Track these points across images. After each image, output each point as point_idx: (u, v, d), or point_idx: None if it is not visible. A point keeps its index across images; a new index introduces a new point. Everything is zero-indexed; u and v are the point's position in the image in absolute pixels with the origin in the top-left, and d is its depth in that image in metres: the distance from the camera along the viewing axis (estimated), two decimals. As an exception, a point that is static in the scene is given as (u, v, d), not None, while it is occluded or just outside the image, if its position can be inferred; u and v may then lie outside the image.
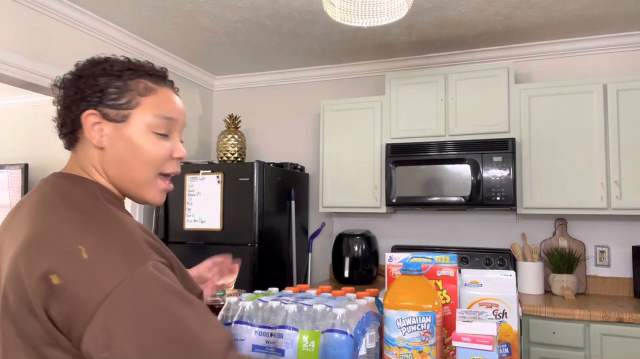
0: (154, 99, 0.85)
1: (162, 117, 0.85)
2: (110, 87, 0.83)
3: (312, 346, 1.07)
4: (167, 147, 0.87)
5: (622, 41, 2.99)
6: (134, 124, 0.83)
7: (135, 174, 0.84)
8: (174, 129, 0.88)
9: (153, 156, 0.84)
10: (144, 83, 0.86)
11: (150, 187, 0.86)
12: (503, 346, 1.17)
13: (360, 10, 1.63)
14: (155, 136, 0.85)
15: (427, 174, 2.95)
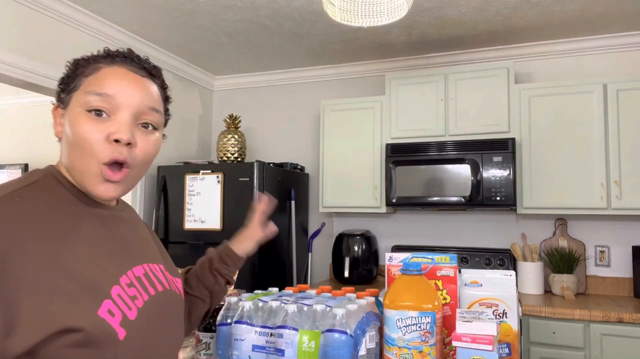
0: (94, 77, 0.76)
1: (94, 93, 0.74)
2: (68, 78, 0.79)
3: (312, 346, 1.07)
4: (102, 129, 0.73)
5: (622, 41, 2.99)
6: (72, 106, 0.76)
7: (75, 162, 0.74)
8: (118, 108, 0.75)
9: (83, 139, 0.73)
10: (95, 65, 0.78)
11: (90, 176, 0.74)
12: (503, 346, 1.17)
13: (360, 10, 1.63)
14: (87, 116, 0.73)
15: (427, 174, 2.95)
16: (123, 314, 0.70)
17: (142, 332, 0.73)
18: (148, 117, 0.79)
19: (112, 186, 0.75)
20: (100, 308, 0.67)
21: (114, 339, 0.67)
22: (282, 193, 3.23)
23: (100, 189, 0.74)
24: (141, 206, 3.18)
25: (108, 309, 0.68)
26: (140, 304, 0.74)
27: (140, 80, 0.79)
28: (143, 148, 0.78)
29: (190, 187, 3.05)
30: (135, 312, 0.72)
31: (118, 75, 0.77)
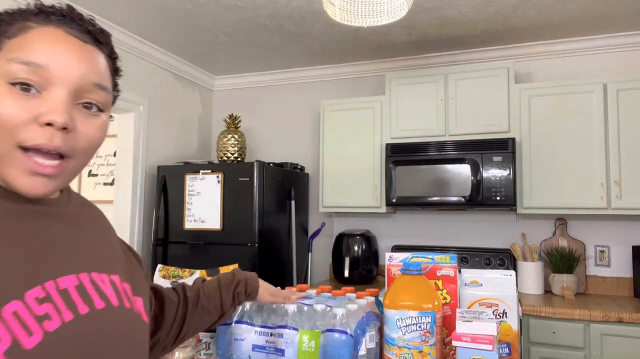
0: (20, 40, 0.59)
1: (19, 61, 0.57)
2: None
3: (312, 346, 1.07)
4: (29, 106, 0.57)
5: (622, 41, 2.99)
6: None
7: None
8: (49, 82, 0.58)
9: (0, 119, 0.56)
10: (22, 24, 0.60)
11: (8, 164, 0.58)
12: (503, 346, 1.17)
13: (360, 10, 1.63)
14: (9, 90, 0.57)
15: (427, 174, 2.95)
16: (14, 341, 0.52)
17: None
18: (92, 95, 0.62)
19: (42, 179, 0.59)
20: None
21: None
22: (282, 193, 3.23)
23: (23, 182, 0.58)
24: (141, 206, 3.18)
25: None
26: (54, 326, 0.56)
27: (82, 48, 0.62)
28: (85, 134, 0.62)
29: (190, 187, 3.05)
30: (38, 337, 0.54)
31: (53, 40, 0.59)
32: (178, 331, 0.97)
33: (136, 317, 0.69)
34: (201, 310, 1.00)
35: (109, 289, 0.66)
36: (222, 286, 1.05)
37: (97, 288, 0.64)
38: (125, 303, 0.68)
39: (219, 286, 1.04)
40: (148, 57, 3.26)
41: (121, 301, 0.67)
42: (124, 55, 3.08)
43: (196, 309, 1.00)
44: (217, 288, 1.04)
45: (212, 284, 1.04)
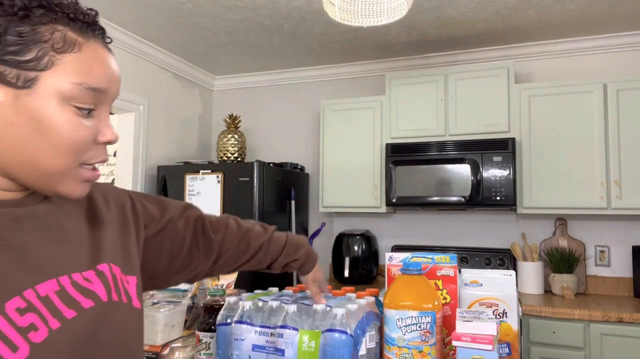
0: (76, 59, 0.58)
1: (86, 87, 0.58)
2: (8, 34, 0.54)
3: (312, 346, 1.07)
4: (91, 127, 0.60)
5: (622, 41, 2.99)
6: (43, 92, 0.56)
7: (44, 162, 0.57)
8: (103, 102, 0.61)
9: (70, 140, 0.58)
10: (62, 32, 0.57)
11: (67, 179, 0.60)
12: (503, 345, 1.17)
13: (360, 10, 1.63)
14: (73, 112, 0.58)
15: (427, 174, 2.95)
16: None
17: None
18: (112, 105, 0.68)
19: (88, 184, 0.64)
20: None
21: None
22: (282, 193, 3.23)
23: (79, 190, 0.62)
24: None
25: None
26: (41, 337, 0.53)
27: (115, 65, 0.64)
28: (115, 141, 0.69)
29: (190, 187, 3.05)
30: (25, 352, 0.52)
31: (104, 63, 0.61)
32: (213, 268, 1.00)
33: (125, 307, 0.67)
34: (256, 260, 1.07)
35: (97, 284, 0.64)
36: (284, 253, 1.11)
37: (80, 288, 0.61)
38: (113, 295, 0.65)
39: (281, 251, 1.10)
40: (148, 57, 3.26)
41: (110, 294, 0.65)
42: (124, 55, 3.08)
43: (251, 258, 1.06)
44: (279, 250, 1.10)
45: (278, 242, 1.10)
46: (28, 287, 0.55)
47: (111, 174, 4.15)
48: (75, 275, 0.62)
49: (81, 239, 0.66)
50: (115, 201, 0.78)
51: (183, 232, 0.90)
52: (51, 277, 0.59)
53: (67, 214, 0.67)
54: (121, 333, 0.64)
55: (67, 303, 0.58)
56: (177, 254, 0.89)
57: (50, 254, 0.60)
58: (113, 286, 0.66)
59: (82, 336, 0.58)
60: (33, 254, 0.58)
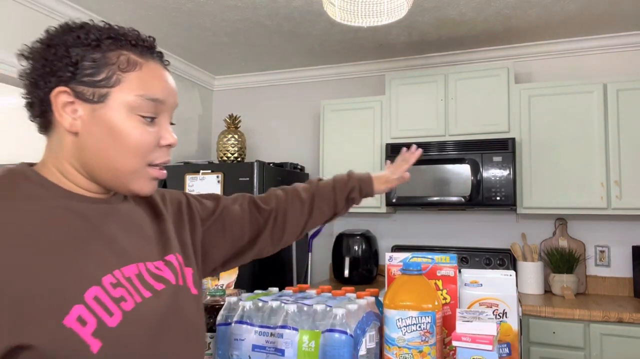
0: (138, 76, 0.71)
1: (147, 98, 0.71)
2: (85, 60, 0.69)
3: (312, 346, 1.07)
4: (154, 133, 0.73)
5: (622, 41, 2.99)
6: (114, 105, 0.69)
7: (117, 164, 0.70)
8: (162, 111, 0.74)
9: (137, 144, 0.71)
10: (126, 55, 0.71)
11: (138, 178, 0.73)
12: (503, 346, 1.17)
13: (360, 10, 1.63)
14: (139, 120, 0.71)
15: (427, 174, 2.95)
16: (99, 321, 0.61)
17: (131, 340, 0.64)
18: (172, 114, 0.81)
19: (155, 182, 0.77)
20: (68, 316, 0.59)
21: (85, 353, 0.59)
22: (282, 193, 3.22)
23: (149, 187, 0.75)
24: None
25: (78, 317, 0.60)
26: (129, 306, 0.66)
27: (172, 81, 0.78)
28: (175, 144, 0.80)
29: (190, 187, 3.05)
30: (118, 317, 0.64)
31: (162, 78, 0.75)
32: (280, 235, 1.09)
33: (187, 291, 0.79)
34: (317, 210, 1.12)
35: (165, 271, 0.76)
36: (337, 190, 1.15)
37: (153, 275, 0.74)
38: (179, 280, 0.78)
39: (333, 190, 1.15)
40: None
41: (177, 279, 0.78)
42: (124, 55, 3.08)
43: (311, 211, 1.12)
44: (331, 191, 1.14)
45: (326, 186, 1.15)
46: (116, 268, 0.68)
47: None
48: (149, 264, 0.75)
49: (151, 235, 0.80)
50: (172, 200, 0.91)
51: (240, 215, 1.03)
52: (132, 262, 0.72)
53: (140, 213, 0.81)
54: (187, 312, 0.76)
55: (144, 285, 0.71)
56: (241, 234, 1.01)
57: (131, 244, 0.74)
58: (180, 273, 0.79)
59: (158, 311, 0.70)
60: (119, 243, 0.72)
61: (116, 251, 0.70)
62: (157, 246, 0.79)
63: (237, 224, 1.01)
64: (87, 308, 0.61)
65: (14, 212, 0.63)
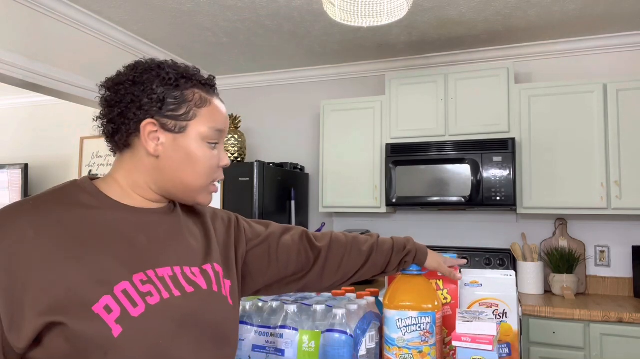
0: (208, 111, 0.86)
1: (215, 129, 0.86)
2: (168, 98, 0.83)
3: (312, 346, 1.07)
4: (216, 157, 0.87)
5: (622, 41, 2.99)
6: (191, 135, 0.84)
7: (189, 182, 0.85)
8: (221, 138, 0.89)
9: (207, 166, 0.85)
10: (198, 94, 0.86)
11: (203, 193, 0.88)
12: (503, 346, 1.17)
13: (360, 10, 1.63)
14: (207, 147, 0.86)
15: (427, 174, 2.95)
16: (122, 310, 0.71)
17: (150, 330, 0.73)
18: None
19: (212, 195, 0.92)
20: (97, 304, 0.70)
21: (107, 336, 0.69)
22: (282, 193, 3.23)
23: (210, 199, 0.89)
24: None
25: (105, 305, 0.70)
26: (154, 301, 0.75)
27: (225, 109, 0.92)
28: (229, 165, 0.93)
29: (190, 187, 3.05)
30: (141, 308, 0.73)
31: (223, 111, 0.89)
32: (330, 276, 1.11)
33: (222, 299, 0.86)
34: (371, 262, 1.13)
35: (199, 278, 0.84)
36: (395, 251, 1.16)
37: (187, 278, 0.82)
38: (213, 286, 0.86)
39: (392, 249, 1.16)
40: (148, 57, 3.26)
41: (210, 285, 0.85)
42: (123, 56, 3.08)
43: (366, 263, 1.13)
44: (390, 249, 1.16)
45: (386, 242, 1.17)
46: (151, 268, 0.78)
47: (111, 174, 4.15)
48: (186, 268, 0.83)
49: (194, 244, 0.89)
50: (223, 218, 1.02)
51: (289, 245, 1.07)
52: (169, 265, 0.81)
53: (187, 223, 0.91)
54: (217, 318, 0.83)
55: (175, 286, 0.79)
56: (286, 263, 1.05)
57: (170, 249, 0.83)
58: (214, 280, 0.87)
59: (183, 307, 0.78)
60: (158, 247, 0.82)
61: (153, 253, 0.80)
62: (197, 255, 0.88)
63: (283, 252, 1.05)
64: (114, 298, 0.71)
65: (66, 214, 0.75)
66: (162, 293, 0.76)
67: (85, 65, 2.79)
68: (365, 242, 1.15)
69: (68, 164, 4.15)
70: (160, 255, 0.81)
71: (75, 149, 4.12)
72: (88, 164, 4.06)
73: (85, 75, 2.77)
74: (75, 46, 2.72)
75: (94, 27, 2.81)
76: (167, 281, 0.79)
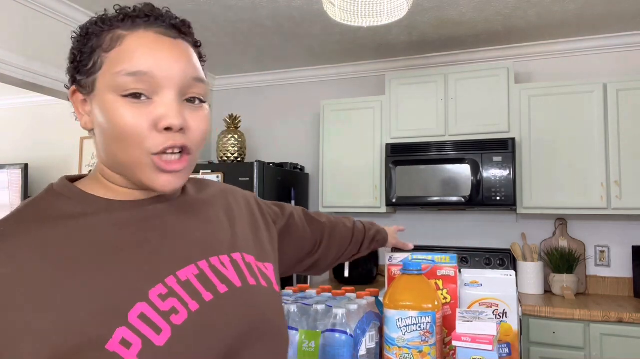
0: (118, 51, 0.61)
1: (125, 73, 0.59)
2: (82, 52, 0.63)
3: (312, 346, 1.07)
4: (146, 114, 0.60)
5: (622, 41, 2.99)
6: (99, 91, 0.61)
7: (118, 156, 0.61)
8: (159, 86, 0.61)
9: (123, 129, 0.59)
10: (112, 34, 0.62)
11: (143, 171, 0.61)
12: (503, 346, 1.17)
13: (360, 10, 1.63)
14: (123, 102, 0.60)
15: (427, 174, 2.95)
16: (144, 341, 0.54)
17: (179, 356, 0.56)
18: (194, 89, 0.64)
19: (172, 176, 0.63)
20: (110, 341, 0.53)
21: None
22: (282, 193, 3.23)
23: (159, 182, 0.62)
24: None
25: (122, 339, 0.53)
26: (181, 319, 0.58)
27: (174, 45, 0.63)
28: (197, 128, 0.64)
29: (190, 187, 3.05)
30: (167, 333, 0.56)
31: (148, 44, 0.61)
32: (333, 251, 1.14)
33: (263, 290, 0.70)
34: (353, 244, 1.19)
35: (230, 270, 0.67)
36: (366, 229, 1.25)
37: (217, 272, 0.65)
38: (249, 280, 0.69)
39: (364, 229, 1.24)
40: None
41: (244, 279, 0.68)
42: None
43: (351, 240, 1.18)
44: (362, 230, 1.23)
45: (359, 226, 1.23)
46: (169, 274, 0.60)
47: (111, 174, 4.15)
48: (213, 259, 0.66)
49: (216, 227, 0.71)
50: (244, 199, 0.84)
51: (302, 224, 1.02)
52: (191, 262, 0.63)
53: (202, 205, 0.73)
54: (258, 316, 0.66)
55: (206, 286, 0.62)
56: (302, 242, 1.02)
57: (189, 241, 0.66)
58: (248, 272, 0.70)
59: (219, 318, 0.61)
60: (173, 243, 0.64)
61: (168, 254, 0.62)
62: (222, 241, 0.70)
63: (300, 232, 1.01)
64: (131, 328, 0.54)
65: (50, 232, 0.57)
66: (189, 304, 0.59)
67: (85, 65, 2.79)
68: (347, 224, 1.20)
69: (68, 164, 4.15)
70: (177, 252, 0.64)
71: (75, 149, 4.12)
72: (88, 164, 4.06)
73: (85, 75, 2.78)
74: (75, 46, 2.72)
75: (94, 27, 2.80)
76: (193, 284, 0.62)
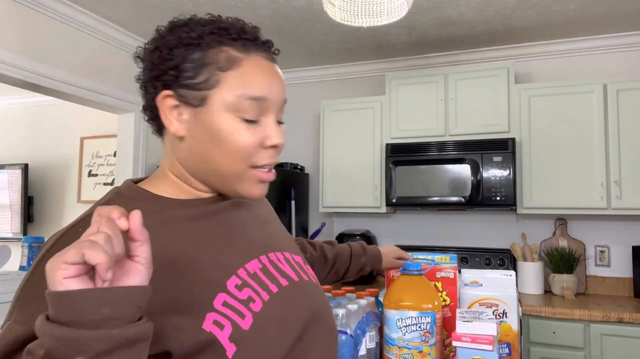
0: (236, 74, 0.66)
1: (247, 97, 0.66)
2: (186, 62, 0.66)
3: (312, 346, 1.07)
4: (257, 133, 0.67)
5: (622, 41, 2.99)
6: (213, 107, 0.66)
7: (221, 168, 0.68)
8: (267, 109, 0.68)
9: (238, 147, 0.66)
10: (226, 52, 0.67)
11: (243, 181, 0.69)
12: (503, 346, 1.17)
13: (360, 10, 1.63)
14: (240, 121, 0.66)
15: (427, 174, 2.95)
16: (234, 324, 0.60)
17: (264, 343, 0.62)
18: (282, 112, 0.73)
19: (264, 185, 0.71)
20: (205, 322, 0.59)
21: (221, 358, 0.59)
22: (282, 193, 3.23)
23: (256, 191, 0.70)
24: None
25: (214, 321, 0.59)
26: (258, 307, 0.64)
27: (277, 71, 0.71)
28: (283, 144, 0.72)
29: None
30: (250, 319, 0.62)
31: (264, 72, 0.68)
32: None
33: (315, 286, 0.77)
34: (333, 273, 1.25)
35: (286, 266, 0.73)
36: (353, 258, 1.27)
37: (276, 267, 0.71)
38: (303, 275, 0.75)
39: (350, 257, 1.27)
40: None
41: (299, 275, 0.74)
42: (123, 55, 3.08)
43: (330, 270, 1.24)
44: (348, 259, 1.26)
45: (345, 252, 1.26)
46: (240, 266, 0.66)
47: (111, 174, 4.15)
48: (271, 255, 0.72)
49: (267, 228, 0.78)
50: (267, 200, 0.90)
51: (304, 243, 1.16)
52: (254, 257, 0.69)
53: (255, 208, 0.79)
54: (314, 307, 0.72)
55: (270, 279, 0.68)
56: None
57: (250, 238, 0.72)
58: (300, 269, 0.76)
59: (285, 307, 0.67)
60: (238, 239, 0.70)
61: (236, 248, 0.68)
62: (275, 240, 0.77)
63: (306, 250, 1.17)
64: (220, 313, 0.60)
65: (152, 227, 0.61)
66: (262, 294, 0.65)
67: (85, 65, 2.79)
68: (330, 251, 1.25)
69: (68, 164, 4.15)
70: (243, 246, 0.69)
71: (75, 149, 4.12)
72: (88, 164, 4.06)
73: (85, 75, 2.77)
74: (75, 46, 2.72)
75: (94, 27, 2.80)
76: (260, 276, 0.67)
